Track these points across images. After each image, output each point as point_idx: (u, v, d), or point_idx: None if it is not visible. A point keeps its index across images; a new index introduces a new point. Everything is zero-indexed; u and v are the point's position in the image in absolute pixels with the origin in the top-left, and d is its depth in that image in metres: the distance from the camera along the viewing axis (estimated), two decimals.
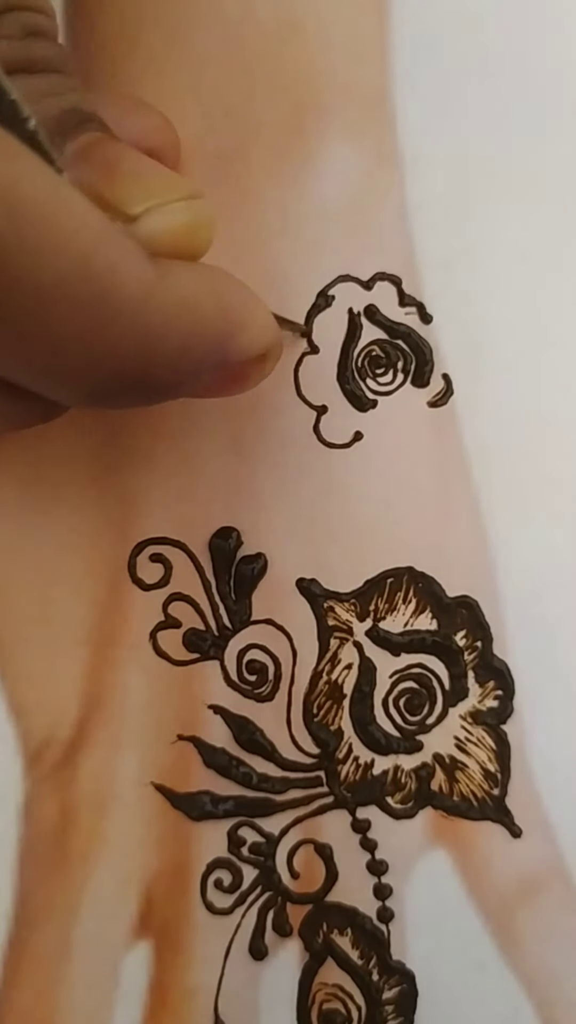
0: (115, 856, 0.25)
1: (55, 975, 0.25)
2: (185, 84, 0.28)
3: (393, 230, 0.27)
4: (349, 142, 0.27)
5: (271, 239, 0.27)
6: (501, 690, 0.25)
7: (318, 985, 0.25)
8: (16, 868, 0.25)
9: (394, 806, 0.25)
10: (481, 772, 0.25)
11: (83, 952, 0.25)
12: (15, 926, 0.25)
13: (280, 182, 0.27)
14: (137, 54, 0.28)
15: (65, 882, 0.25)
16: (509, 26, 0.28)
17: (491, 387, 0.26)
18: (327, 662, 0.26)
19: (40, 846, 0.25)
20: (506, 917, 0.25)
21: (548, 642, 0.25)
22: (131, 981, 0.25)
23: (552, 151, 0.27)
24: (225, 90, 0.28)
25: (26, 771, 0.26)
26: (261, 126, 0.27)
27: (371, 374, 0.27)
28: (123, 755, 0.26)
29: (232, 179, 0.27)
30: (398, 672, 0.26)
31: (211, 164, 0.27)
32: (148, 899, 0.25)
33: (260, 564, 0.26)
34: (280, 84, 0.28)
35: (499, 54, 0.28)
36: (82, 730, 0.26)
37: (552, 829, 0.25)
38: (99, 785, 0.25)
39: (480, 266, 0.27)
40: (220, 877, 0.25)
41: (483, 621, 0.26)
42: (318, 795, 0.25)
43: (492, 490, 0.26)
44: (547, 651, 0.25)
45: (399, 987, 0.24)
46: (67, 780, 0.26)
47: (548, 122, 0.27)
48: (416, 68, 0.28)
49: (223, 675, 0.26)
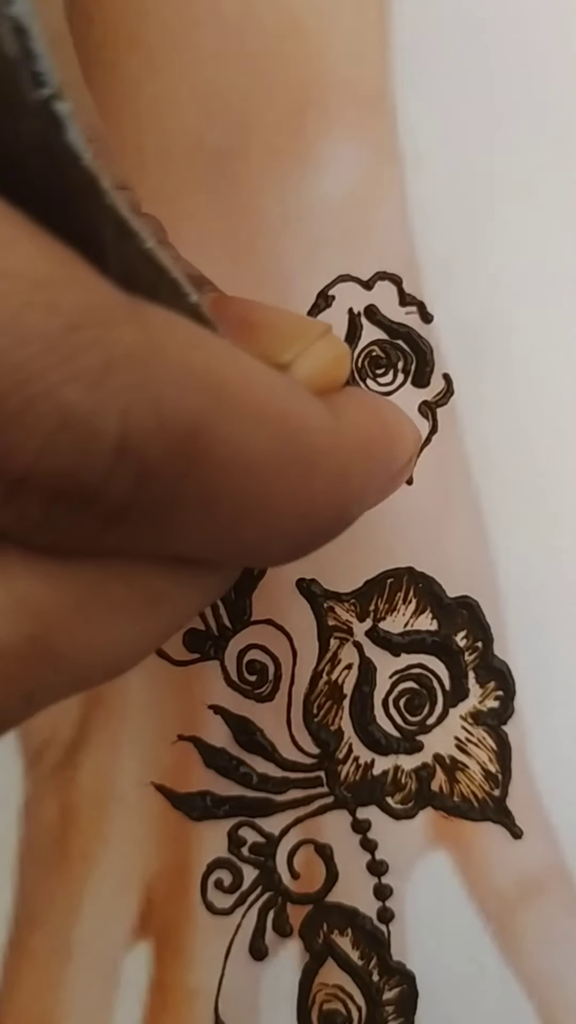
0: (115, 856, 0.25)
1: (55, 975, 0.25)
2: (184, 83, 0.28)
3: (393, 230, 0.27)
4: (349, 141, 0.27)
5: (271, 239, 0.27)
6: (502, 691, 0.25)
7: (318, 985, 0.25)
8: (16, 868, 0.25)
9: (394, 806, 0.25)
10: (482, 773, 0.25)
11: (83, 952, 0.25)
12: (15, 926, 0.25)
13: (280, 181, 0.27)
14: (136, 53, 0.28)
15: (65, 882, 0.25)
16: (510, 25, 0.28)
17: (491, 387, 0.26)
18: (327, 662, 0.26)
19: (40, 846, 0.25)
20: (507, 918, 0.25)
21: (549, 642, 0.25)
22: (131, 981, 0.25)
23: (553, 150, 0.27)
24: (225, 89, 0.28)
25: (26, 771, 0.26)
26: (261, 125, 0.27)
27: (371, 374, 0.27)
28: (123, 755, 0.26)
29: (232, 178, 0.27)
30: (398, 672, 0.26)
31: (211, 163, 0.27)
32: (148, 899, 0.25)
33: None
34: (280, 83, 0.27)
35: (500, 53, 0.28)
36: (82, 730, 0.26)
37: (553, 830, 0.25)
38: (99, 785, 0.25)
39: (481, 266, 0.27)
40: (220, 877, 0.25)
41: (483, 621, 0.26)
42: (318, 795, 0.25)
43: (492, 490, 0.26)
44: (548, 651, 0.25)
45: (399, 988, 0.24)
46: (67, 780, 0.26)
47: (549, 121, 0.27)
48: (417, 67, 0.28)
49: (223, 675, 0.26)
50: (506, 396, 0.26)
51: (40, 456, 0.12)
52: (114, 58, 0.28)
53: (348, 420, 0.17)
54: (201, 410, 0.13)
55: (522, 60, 0.27)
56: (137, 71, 0.28)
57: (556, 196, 0.27)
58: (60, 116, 0.12)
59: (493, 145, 0.27)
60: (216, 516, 0.14)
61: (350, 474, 0.16)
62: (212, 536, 0.15)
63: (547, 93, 0.27)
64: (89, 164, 0.12)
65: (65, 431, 0.12)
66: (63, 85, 0.11)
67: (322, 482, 0.16)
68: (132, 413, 0.12)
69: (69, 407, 0.12)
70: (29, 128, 0.12)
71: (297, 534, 0.16)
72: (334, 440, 0.16)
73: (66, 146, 0.12)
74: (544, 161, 0.27)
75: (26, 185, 0.12)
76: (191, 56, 0.28)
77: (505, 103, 0.27)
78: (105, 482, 0.13)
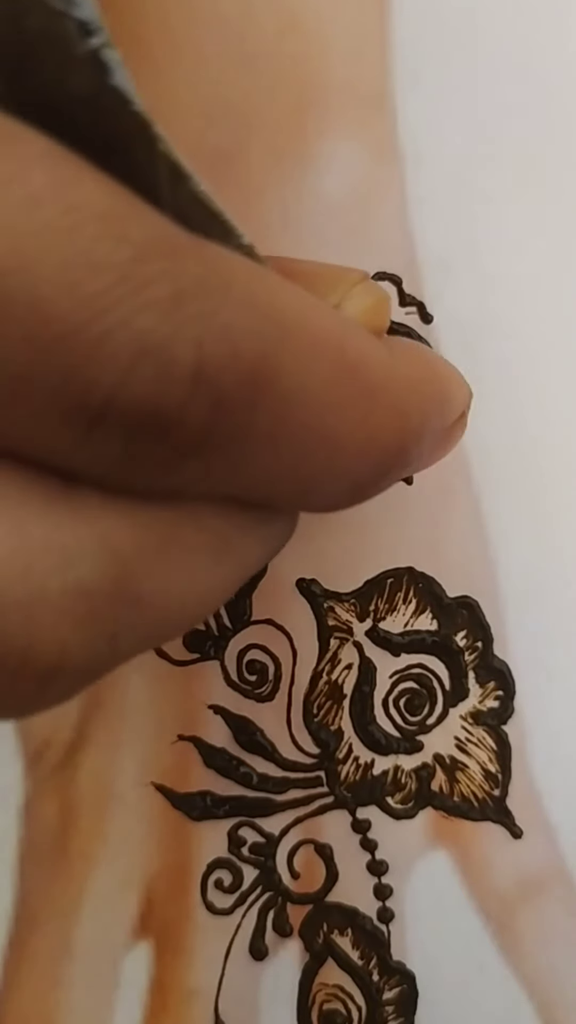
0: (115, 856, 0.25)
1: (55, 975, 0.25)
2: (184, 82, 0.28)
3: (393, 229, 0.27)
4: (349, 141, 0.27)
5: (271, 238, 0.27)
6: (502, 690, 0.25)
7: (318, 985, 0.25)
8: (16, 868, 0.25)
9: (394, 806, 0.25)
10: (482, 773, 0.25)
11: (83, 952, 0.25)
12: (15, 926, 0.25)
13: (280, 181, 0.27)
14: (136, 52, 0.28)
15: (65, 882, 0.25)
16: (510, 24, 0.28)
17: (491, 387, 0.26)
18: (327, 662, 0.26)
19: (40, 846, 0.25)
20: (507, 918, 0.25)
21: (549, 642, 0.25)
22: (131, 981, 0.25)
23: (554, 149, 0.27)
24: (224, 88, 0.28)
25: (26, 771, 0.26)
26: (261, 125, 0.27)
27: None
28: (123, 755, 0.26)
29: (232, 178, 0.27)
30: (398, 672, 0.26)
31: (211, 163, 0.27)
32: (148, 899, 0.25)
33: None
34: (280, 82, 0.27)
35: (500, 53, 0.28)
36: (82, 730, 0.26)
37: (553, 830, 0.25)
38: (99, 785, 0.25)
39: (481, 266, 0.27)
40: (220, 877, 0.25)
41: (483, 621, 0.26)
42: (318, 795, 0.25)
43: (492, 490, 0.26)
44: (548, 651, 0.25)
45: (399, 988, 0.24)
46: (67, 780, 0.26)
47: (549, 120, 0.27)
48: (417, 66, 0.28)
49: (223, 675, 0.26)
50: (506, 396, 0.26)
51: (120, 386, 0.12)
52: None
53: (402, 360, 0.17)
54: (269, 339, 0.13)
55: (522, 60, 0.27)
56: (137, 71, 0.27)
57: (557, 196, 0.27)
58: (110, 64, 0.12)
59: (493, 145, 0.27)
60: (282, 449, 0.14)
61: (407, 412, 0.17)
62: (278, 472, 0.15)
63: (547, 93, 0.27)
64: (140, 109, 0.12)
65: (144, 359, 0.12)
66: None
67: (381, 416, 0.16)
68: (206, 340, 0.13)
69: (146, 335, 0.12)
70: (80, 79, 0.12)
71: (357, 472, 0.16)
72: (391, 375, 0.16)
73: (117, 93, 0.12)
74: (545, 161, 0.27)
75: (79, 135, 0.12)
76: (191, 56, 0.28)
77: (505, 103, 0.27)
78: (183, 411, 0.13)
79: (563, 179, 0.27)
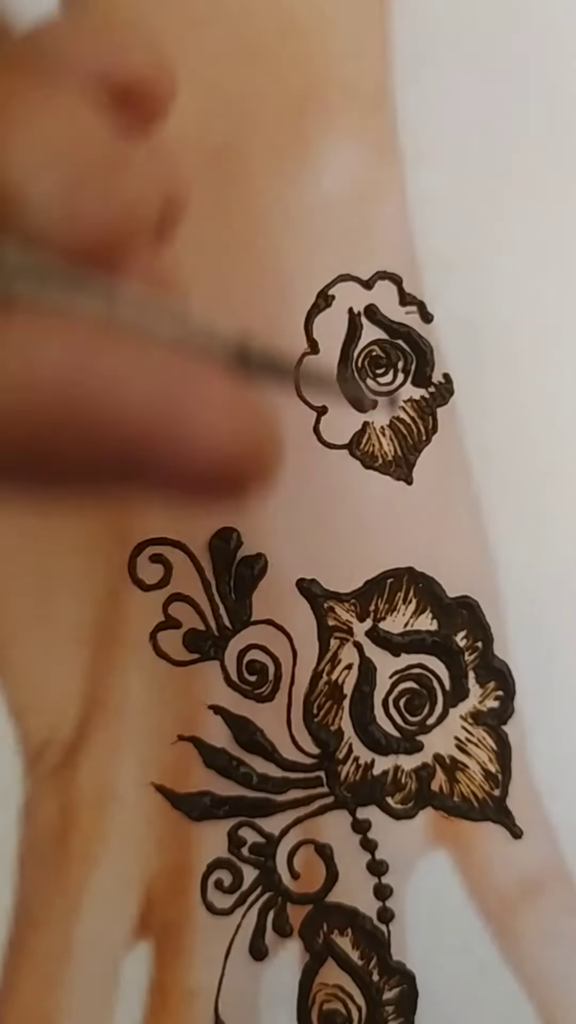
0: (115, 856, 0.25)
1: (55, 975, 0.25)
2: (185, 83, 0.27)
3: (394, 229, 0.27)
4: (349, 140, 0.27)
5: (271, 238, 0.27)
6: (501, 691, 0.25)
7: (318, 985, 0.25)
8: (16, 868, 0.25)
9: (394, 806, 0.25)
10: (482, 773, 0.25)
11: (83, 952, 0.25)
12: (15, 926, 0.25)
13: (280, 180, 0.27)
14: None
15: (65, 882, 0.25)
16: (509, 24, 0.28)
17: (491, 387, 0.26)
18: (327, 662, 0.26)
19: (40, 846, 0.25)
20: (507, 918, 0.25)
21: (548, 642, 0.25)
22: (131, 981, 0.25)
23: (553, 149, 0.27)
24: (225, 88, 0.27)
25: (26, 771, 0.26)
26: (261, 124, 0.27)
27: (371, 374, 0.27)
28: (123, 755, 0.26)
29: (232, 177, 0.27)
30: (398, 672, 0.26)
31: (211, 162, 0.27)
32: (148, 899, 0.25)
33: (260, 564, 0.26)
34: (280, 82, 0.27)
35: (499, 52, 0.28)
36: (82, 730, 0.26)
37: (553, 830, 0.25)
38: (99, 785, 0.25)
39: (481, 265, 0.27)
40: (220, 877, 0.25)
41: (483, 621, 0.26)
42: (318, 795, 0.25)
43: (492, 490, 0.26)
44: (547, 651, 0.25)
45: (399, 987, 0.24)
46: (67, 781, 0.26)
47: (549, 120, 0.27)
48: (417, 66, 0.27)
49: (223, 675, 0.26)
50: (506, 396, 0.26)
51: None
52: None
53: None
54: None
55: (522, 59, 0.27)
56: None
57: (557, 194, 0.27)
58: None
59: (493, 144, 0.27)
60: None
61: None
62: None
63: (547, 92, 0.27)
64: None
65: None
66: None
67: None
68: None
69: None
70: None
71: None
72: None
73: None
74: (544, 160, 0.27)
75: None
76: (191, 56, 0.28)
77: (505, 102, 0.27)
78: None
79: (563, 179, 0.27)
